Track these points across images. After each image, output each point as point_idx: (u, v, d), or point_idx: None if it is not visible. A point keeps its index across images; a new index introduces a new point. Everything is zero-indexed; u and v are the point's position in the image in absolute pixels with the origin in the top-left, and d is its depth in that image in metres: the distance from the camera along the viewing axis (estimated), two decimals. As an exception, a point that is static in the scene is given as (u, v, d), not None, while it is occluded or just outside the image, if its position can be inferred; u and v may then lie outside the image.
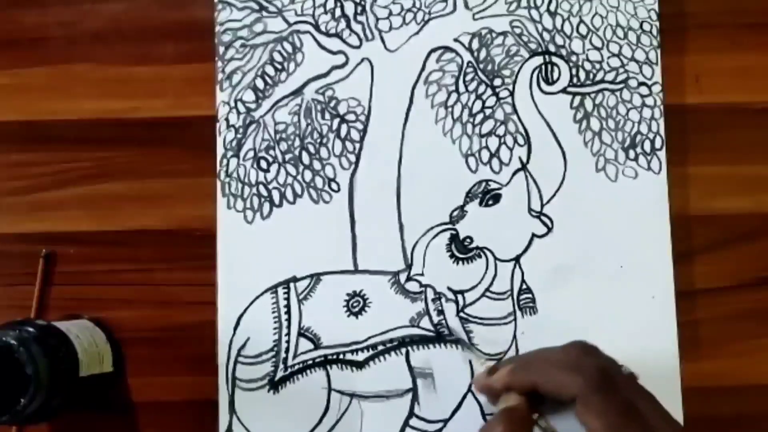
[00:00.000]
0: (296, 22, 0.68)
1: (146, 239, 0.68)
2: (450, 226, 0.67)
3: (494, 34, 0.68)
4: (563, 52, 0.68)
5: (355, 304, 0.66)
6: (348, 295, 0.66)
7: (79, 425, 0.67)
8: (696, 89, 0.69)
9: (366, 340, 0.66)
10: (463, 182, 0.67)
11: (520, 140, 0.67)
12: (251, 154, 0.67)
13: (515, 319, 0.66)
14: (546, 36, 0.68)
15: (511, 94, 0.67)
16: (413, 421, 0.65)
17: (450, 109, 0.68)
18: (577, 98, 0.67)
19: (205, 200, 0.67)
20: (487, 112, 0.68)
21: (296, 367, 0.66)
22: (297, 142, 0.68)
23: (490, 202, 0.67)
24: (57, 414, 0.63)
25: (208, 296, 0.67)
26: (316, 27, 0.68)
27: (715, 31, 0.69)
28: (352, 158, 0.67)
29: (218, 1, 0.69)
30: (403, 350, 0.66)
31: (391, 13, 0.68)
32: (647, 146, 0.67)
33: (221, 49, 0.68)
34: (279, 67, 0.68)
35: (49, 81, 0.69)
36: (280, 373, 0.66)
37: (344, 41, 0.68)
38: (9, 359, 0.58)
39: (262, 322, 0.66)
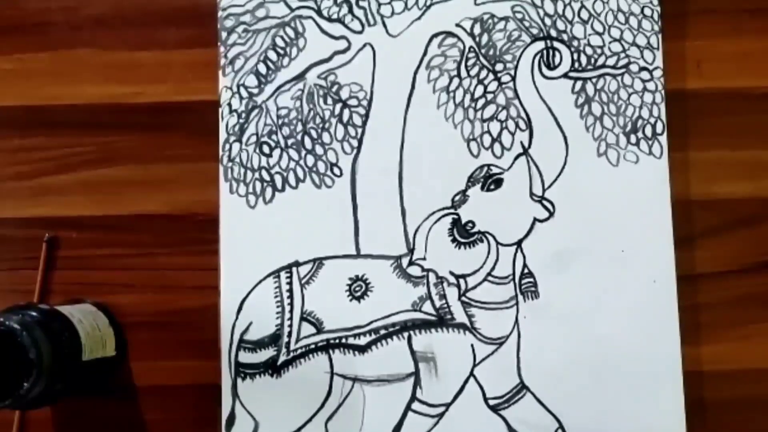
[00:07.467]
0: (298, 8, 0.68)
1: (149, 224, 0.68)
2: (452, 210, 0.67)
3: (496, 19, 0.68)
4: (565, 37, 0.68)
5: (357, 289, 0.66)
6: (350, 279, 0.66)
7: (82, 409, 0.68)
8: (697, 74, 0.69)
9: (368, 324, 0.66)
10: (465, 167, 0.67)
11: (522, 125, 0.67)
12: (254, 138, 0.68)
13: (517, 303, 0.66)
14: (548, 21, 0.68)
15: (513, 79, 0.68)
16: (415, 405, 0.65)
17: (452, 94, 0.68)
18: (579, 83, 0.67)
19: (208, 185, 0.68)
20: (489, 97, 0.68)
21: (299, 351, 0.66)
22: (299, 127, 0.68)
23: (492, 187, 0.67)
24: (60, 398, 0.64)
25: (210, 281, 0.67)
26: (319, 12, 0.68)
27: (716, 16, 0.69)
28: (354, 143, 0.68)
29: (220, -13, 0.69)
30: (406, 334, 0.66)
31: (393, -2, 0.68)
32: (648, 131, 0.67)
33: (224, 35, 0.68)
34: (281, 52, 0.68)
35: (51, 66, 0.70)
36: (282, 358, 0.66)
37: (346, 26, 0.68)
38: (12, 343, 0.58)
39: (264, 307, 0.66)
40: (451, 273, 0.66)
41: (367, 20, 0.68)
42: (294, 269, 0.67)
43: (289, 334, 0.66)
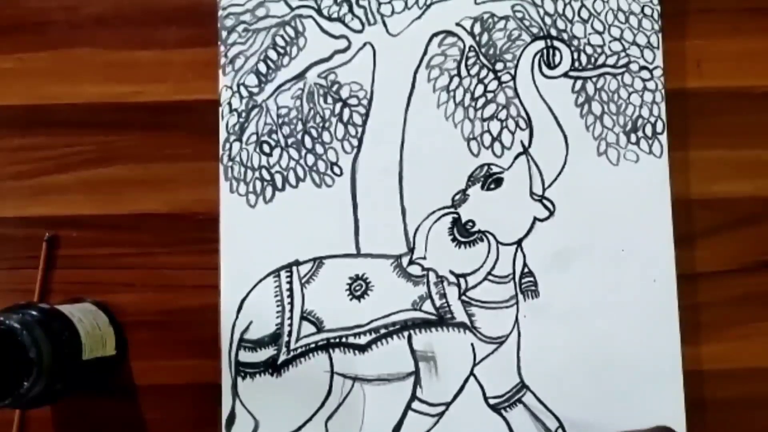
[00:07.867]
0: (298, 7, 0.68)
1: (149, 223, 0.68)
2: (452, 209, 0.67)
3: (496, 19, 0.68)
4: (565, 36, 0.68)
5: (357, 288, 0.66)
6: (350, 278, 0.66)
7: (82, 408, 0.68)
8: (697, 73, 0.69)
9: (368, 323, 0.66)
10: (465, 166, 0.67)
11: (522, 124, 0.67)
12: (254, 138, 0.68)
13: (517, 303, 0.66)
14: (548, 20, 0.68)
15: (513, 78, 0.68)
16: (415, 404, 0.65)
17: (452, 93, 0.68)
18: (579, 82, 0.67)
19: (208, 184, 0.68)
20: (489, 96, 0.68)
21: (299, 350, 0.66)
22: (299, 126, 0.68)
23: (492, 186, 0.67)
24: (60, 397, 0.64)
25: (210, 280, 0.67)
26: (319, 11, 0.68)
27: (716, 15, 0.69)
28: (355, 142, 0.68)
29: (221, -14, 0.69)
30: (406, 334, 0.66)
31: (393, -3, 0.68)
32: (648, 130, 0.67)
33: (224, 34, 0.68)
34: (281, 51, 0.68)
35: (51, 65, 0.69)
36: (282, 357, 0.66)
37: (346, 25, 0.68)
38: (12, 343, 0.58)
39: (264, 306, 0.66)
40: (451, 272, 0.66)
41: (368, 19, 0.68)
42: (294, 268, 0.66)
43: (290, 334, 0.66)
